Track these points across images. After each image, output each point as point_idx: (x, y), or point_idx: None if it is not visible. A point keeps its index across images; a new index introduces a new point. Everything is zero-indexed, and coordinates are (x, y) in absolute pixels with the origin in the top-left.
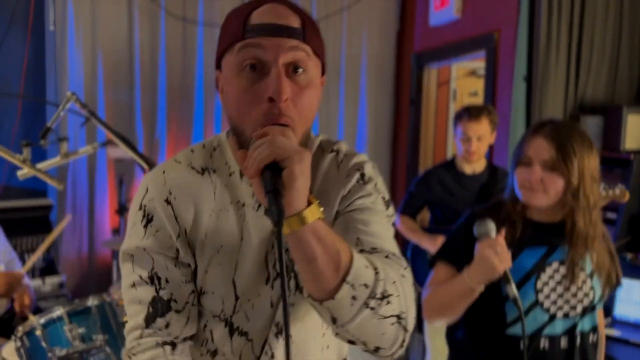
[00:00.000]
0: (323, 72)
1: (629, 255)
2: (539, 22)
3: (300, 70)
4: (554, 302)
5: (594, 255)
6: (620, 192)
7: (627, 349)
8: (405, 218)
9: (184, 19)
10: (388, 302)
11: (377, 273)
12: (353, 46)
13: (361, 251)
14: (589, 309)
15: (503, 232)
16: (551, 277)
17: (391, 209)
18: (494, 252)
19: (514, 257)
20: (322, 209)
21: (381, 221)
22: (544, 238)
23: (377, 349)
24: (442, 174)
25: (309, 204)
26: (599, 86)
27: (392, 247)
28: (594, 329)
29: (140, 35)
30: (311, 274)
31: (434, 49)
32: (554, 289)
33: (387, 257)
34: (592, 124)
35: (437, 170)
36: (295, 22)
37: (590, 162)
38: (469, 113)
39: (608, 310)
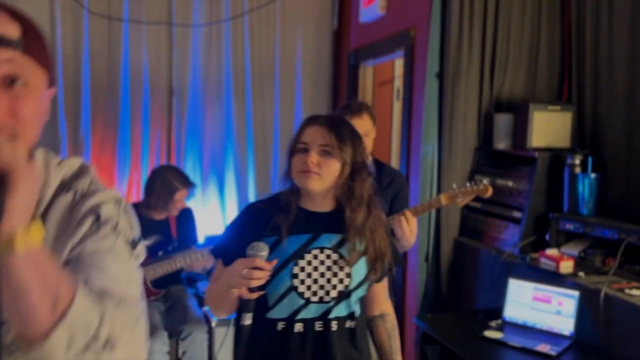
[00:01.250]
0: (51, 84)
1: (530, 255)
2: (450, 18)
3: (17, 83)
4: (309, 288)
5: (363, 243)
6: (484, 187)
7: (507, 352)
8: None
9: (108, 17)
10: (112, 349)
11: (102, 315)
12: (287, 44)
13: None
14: (344, 295)
15: (274, 262)
16: (309, 263)
17: (139, 249)
18: (237, 274)
19: (279, 243)
20: (43, 233)
21: (117, 262)
22: (310, 226)
23: None
24: None
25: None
26: (517, 85)
27: (130, 289)
28: (351, 315)
29: (63, 33)
30: (20, 310)
31: (366, 47)
32: (309, 275)
33: (120, 300)
34: (502, 122)
35: None
36: (13, 31)
37: (361, 151)
38: (351, 110)
39: (498, 313)
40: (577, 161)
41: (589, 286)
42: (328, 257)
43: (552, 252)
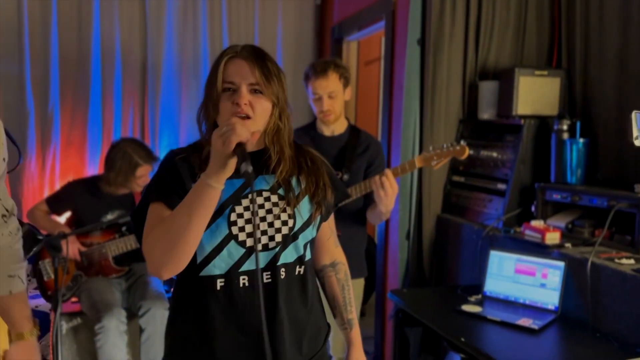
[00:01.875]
0: None
1: (515, 229)
2: None
3: None
4: (250, 235)
5: (301, 180)
6: (461, 148)
7: (486, 326)
8: None
9: None
10: None
11: None
12: (267, 18)
13: None
14: (290, 238)
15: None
16: (247, 208)
17: None
18: (219, 133)
19: None
20: None
21: None
22: None
23: None
24: (301, 137)
25: None
26: (504, 52)
27: None
28: (300, 260)
29: (29, 3)
30: None
31: (348, 19)
32: (249, 221)
33: None
34: (487, 90)
35: (297, 132)
36: None
37: (286, 86)
38: (315, 69)
39: (479, 289)
40: (565, 127)
41: (575, 256)
42: (267, 199)
43: (537, 223)
